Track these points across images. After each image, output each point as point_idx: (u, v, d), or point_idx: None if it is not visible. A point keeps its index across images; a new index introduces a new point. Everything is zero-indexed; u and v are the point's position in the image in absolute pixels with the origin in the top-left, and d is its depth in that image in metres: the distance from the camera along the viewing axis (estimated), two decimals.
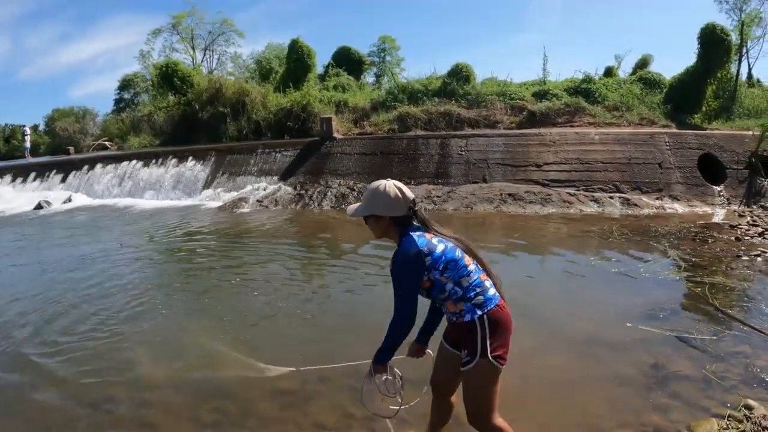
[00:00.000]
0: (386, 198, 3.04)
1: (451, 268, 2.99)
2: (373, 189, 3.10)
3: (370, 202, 3.09)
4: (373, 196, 3.08)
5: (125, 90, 41.29)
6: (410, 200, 3.06)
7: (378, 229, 3.15)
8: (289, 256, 10.03)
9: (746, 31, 23.07)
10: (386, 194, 3.04)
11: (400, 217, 3.07)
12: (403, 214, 3.06)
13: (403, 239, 3.02)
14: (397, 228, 3.09)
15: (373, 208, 3.08)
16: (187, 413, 4.39)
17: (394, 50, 35.68)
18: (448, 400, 3.54)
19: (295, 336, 6.07)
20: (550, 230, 11.90)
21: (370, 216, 3.12)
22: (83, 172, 21.63)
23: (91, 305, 7.25)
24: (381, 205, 3.05)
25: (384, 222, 3.09)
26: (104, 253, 10.68)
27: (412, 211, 3.07)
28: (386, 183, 3.09)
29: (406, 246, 2.97)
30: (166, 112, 26.80)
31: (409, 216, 3.08)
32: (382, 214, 3.07)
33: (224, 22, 39.34)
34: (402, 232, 3.06)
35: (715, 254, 9.19)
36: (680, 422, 4.01)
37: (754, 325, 5.84)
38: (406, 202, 3.05)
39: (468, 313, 2.99)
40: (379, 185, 3.08)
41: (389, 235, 3.15)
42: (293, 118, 22.05)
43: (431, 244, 3.00)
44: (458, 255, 3.05)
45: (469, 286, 3.01)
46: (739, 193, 14.91)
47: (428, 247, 2.98)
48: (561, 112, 20.10)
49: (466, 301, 3.00)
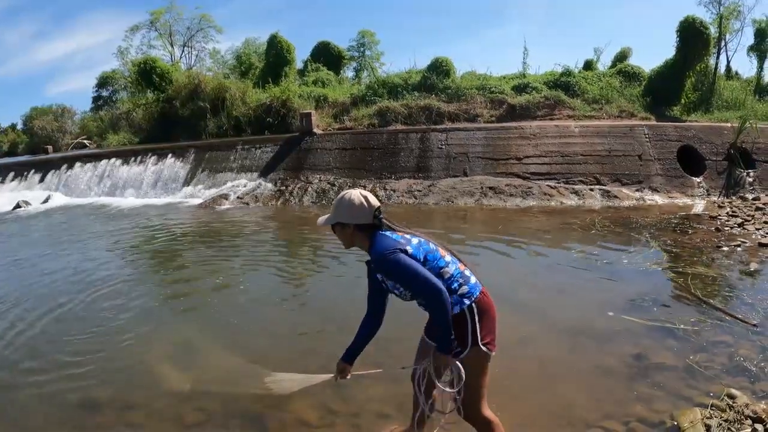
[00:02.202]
0: (350, 205, 3.04)
1: (430, 259, 2.97)
2: (340, 198, 3.12)
3: (336, 210, 3.10)
4: (339, 205, 3.09)
5: (103, 87, 40.66)
6: (375, 208, 3.05)
7: (345, 237, 3.15)
8: (271, 253, 9.95)
9: (725, 24, 23.32)
10: (350, 202, 3.04)
11: (364, 225, 3.06)
12: (367, 222, 3.05)
13: (374, 240, 3.00)
14: (362, 236, 3.08)
15: (339, 216, 3.09)
16: (170, 413, 4.30)
17: (374, 45, 35.69)
18: (431, 393, 3.49)
19: (279, 334, 6.00)
20: (532, 223, 11.89)
21: (336, 224, 3.12)
22: (62, 171, 21.31)
23: (70, 306, 7.08)
24: (345, 213, 3.06)
25: (349, 230, 3.09)
26: (82, 253, 10.50)
27: (377, 220, 3.06)
28: (351, 191, 3.11)
29: (382, 243, 2.94)
30: (145, 110, 26.48)
31: (374, 225, 3.06)
32: (346, 222, 3.07)
33: (203, 17, 39.02)
34: (370, 238, 3.04)
35: (695, 245, 9.22)
36: (664, 412, 3.98)
37: (736, 314, 5.84)
38: (371, 210, 3.04)
39: (456, 305, 2.94)
40: (345, 194, 3.10)
41: (357, 243, 3.14)
42: (273, 114, 21.85)
43: (405, 239, 3.00)
44: (433, 247, 3.05)
45: (451, 278, 2.98)
46: (719, 185, 15.02)
47: (404, 240, 2.98)
48: (541, 106, 20.19)
49: (451, 294, 2.94)
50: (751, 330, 5.47)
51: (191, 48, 40.21)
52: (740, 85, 23.34)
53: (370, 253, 3.01)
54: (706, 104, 20.71)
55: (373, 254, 2.96)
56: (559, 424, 3.96)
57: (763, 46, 25.17)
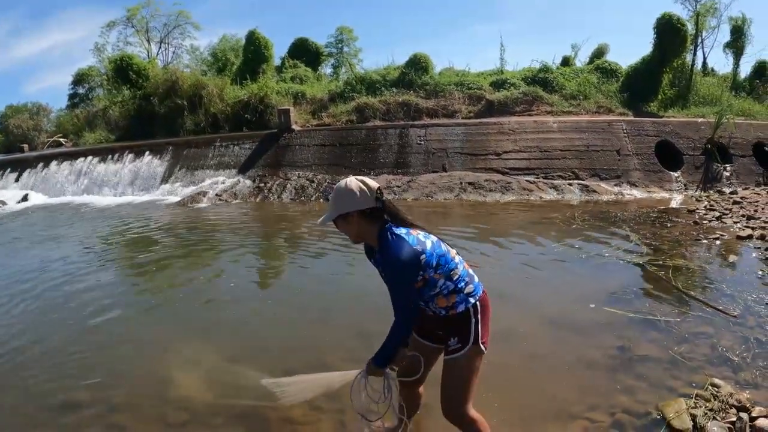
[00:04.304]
0: (349, 193, 2.84)
1: (442, 263, 2.89)
2: (336, 189, 2.91)
3: (335, 203, 2.89)
4: (337, 197, 2.89)
5: (79, 85, 39.91)
6: (375, 190, 2.88)
7: (350, 229, 2.93)
8: (249, 250, 9.83)
9: (701, 21, 23.46)
10: (349, 189, 2.85)
11: (368, 211, 2.87)
12: (371, 206, 2.86)
13: (390, 239, 2.83)
14: (368, 224, 2.89)
15: (339, 207, 2.87)
16: (153, 413, 4.20)
17: (352, 41, 35.42)
18: (417, 390, 3.45)
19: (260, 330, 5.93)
20: (512, 217, 11.89)
21: (339, 218, 2.90)
22: (38, 170, 21.17)
23: (49, 307, 6.93)
24: (346, 202, 2.85)
25: (353, 219, 2.87)
26: (59, 252, 10.33)
27: (380, 202, 2.88)
28: (346, 179, 2.91)
29: (399, 246, 2.78)
30: (122, 107, 26.13)
31: (378, 208, 2.88)
32: (348, 211, 2.85)
33: (180, 14, 38.45)
34: (379, 230, 2.88)
35: (675, 238, 9.26)
36: (649, 402, 3.96)
37: (717, 305, 5.85)
38: (371, 193, 2.85)
39: (461, 304, 2.94)
40: (340, 183, 2.91)
41: (364, 234, 2.94)
42: (251, 111, 21.72)
43: (421, 242, 2.85)
44: (445, 249, 2.96)
45: (459, 278, 2.94)
46: (696, 179, 15.16)
47: (420, 246, 2.83)
48: (519, 101, 20.17)
49: (458, 293, 2.93)
50: (732, 321, 5.48)
51: (168, 45, 39.69)
52: (717, 81, 23.55)
53: (380, 249, 2.87)
54: (683, 100, 20.86)
55: (386, 254, 2.81)
56: (544, 416, 3.92)
57: (740, 43, 25.38)
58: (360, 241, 2.99)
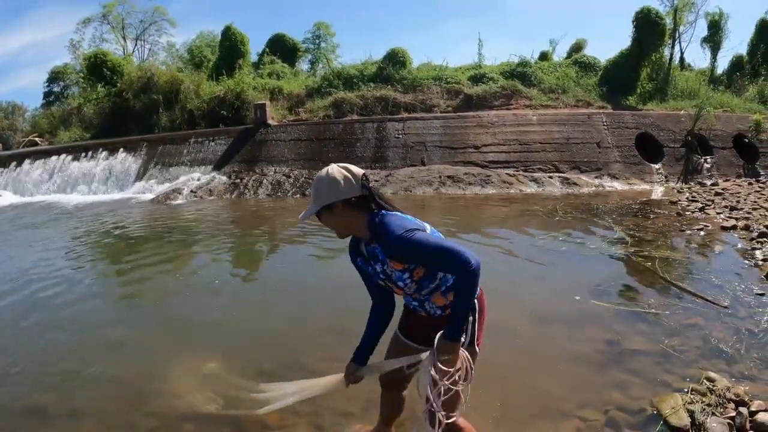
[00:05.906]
0: (332, 181, 2.51)
1: None
2: (317, 180, 2.57)
3: (317, 194, 2.54)
4: (318, 187, 2.55)
5: (55, 83, 39.24)
6: (360, 176, 2.55)
7: (336, 222, 2.60)
8: (224, 246, 9.61)
9: (679, 15, 23.56)
10: (331, 178, 2.51)
11: (354, 200, 2.54)
12: (357, 195, 2.53)
13: (386, 219, 2.51)
14: (356, 214, 2.56)
15: (322, 198, 2.53)
16: (120, 420, 3.93)
17: (330, 36, 35.27)
18: (400, 395, 3.21)
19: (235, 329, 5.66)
20: (493, 211, 11.78)
21: (322, 210, 2.56)
22: (11, 169, 20.71)
23: (16, 311, 6.55)
24: (329, 192, 2.51)
25: (338, 210, 2.52)
26: (28, 253, 9.97)
27: (366, 189, 2.55)
28: (328, 168, 2.56)
29: (399, 219, 2.49)
30: (96, 104, 25.61)
31: (364, 195, 2.56)
32: (332, 201, 2.51)
33: (156, 10, 38.00)
34: (368, 219, 2.56)
35: (658, 229, 9.19)
36: (643, 398, 3.76)
37: (706, 296, 5.71)
38: (357, 180, 2.53)
39: None
40: (321, 173, 2.56)
41: (352, 226, 2.62)
42: (227, 107, 21.42)
43: (418, 223, 2.54)
44: (441, 236, 2.62)
45: None
46: (677, 171, 15.19)
47: (420, 225, 2.53)
48: (497, 96, 20.13)
49: None
50: (723, 312, 5.34)
51: (144, 42, 39.20)
52: (694, 75, 23.71)
53: (377, 236, 2.54)
54: (662, 94, 20.97)
55: (388, 237, 2.45)
56: (535, 415, 3.70)
57: (717, 38, 25.58)
58: (347, 234, 2.69)
